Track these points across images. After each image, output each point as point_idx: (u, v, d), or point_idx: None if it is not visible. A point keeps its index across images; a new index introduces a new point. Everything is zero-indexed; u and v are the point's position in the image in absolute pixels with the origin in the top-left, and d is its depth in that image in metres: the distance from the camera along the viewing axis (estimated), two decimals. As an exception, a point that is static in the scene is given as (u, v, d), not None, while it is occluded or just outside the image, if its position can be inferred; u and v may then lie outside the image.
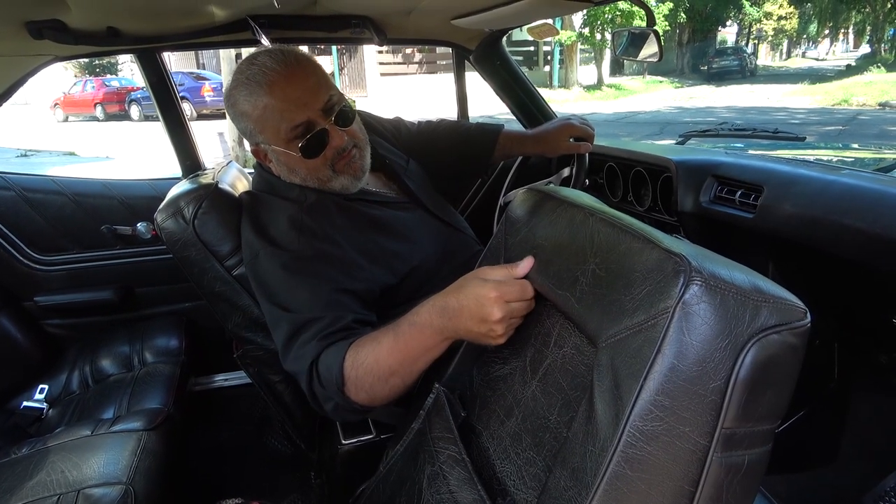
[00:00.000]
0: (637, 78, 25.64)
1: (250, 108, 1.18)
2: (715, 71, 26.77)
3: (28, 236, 2.07)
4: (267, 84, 1.16)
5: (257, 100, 1.17)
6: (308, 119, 1.18)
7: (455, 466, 0.91)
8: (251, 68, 1.17)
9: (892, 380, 1.42)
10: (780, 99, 17.13)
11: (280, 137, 1.20)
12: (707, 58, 28.31)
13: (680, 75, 27.93)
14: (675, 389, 0.60)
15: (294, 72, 1.17)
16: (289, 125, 1.18)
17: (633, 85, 23.61)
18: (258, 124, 1.20)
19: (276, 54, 1.18)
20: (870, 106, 14.47)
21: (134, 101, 16.94)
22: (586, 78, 22.85)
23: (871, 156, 1.98)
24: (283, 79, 1.16)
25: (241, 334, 1.38)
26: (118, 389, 1.76)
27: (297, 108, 1.17)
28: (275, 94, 1.16)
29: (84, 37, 1.52)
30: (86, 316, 2.14)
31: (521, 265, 0.90)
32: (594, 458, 0.66)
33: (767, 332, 0.60)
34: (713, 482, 0.61)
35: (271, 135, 1.20)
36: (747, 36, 37.91)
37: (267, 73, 1.16)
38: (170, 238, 1.34)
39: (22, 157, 11.29)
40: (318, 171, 1.24)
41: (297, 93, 1.17)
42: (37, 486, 1.25)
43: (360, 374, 1.03)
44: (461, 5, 1.65)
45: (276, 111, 1.17)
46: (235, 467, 1.92)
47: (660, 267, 0.65)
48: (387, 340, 1.02)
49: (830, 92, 16.95)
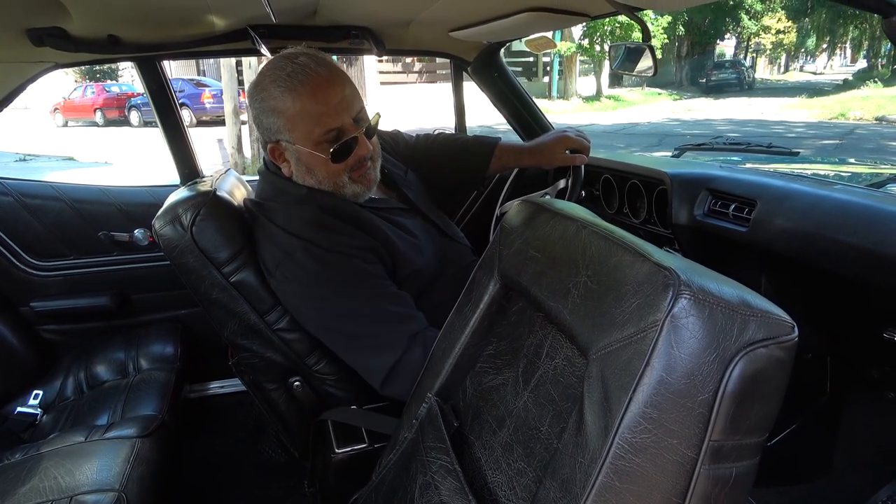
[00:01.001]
0: (636, 90, 25.78)
1: (286, 107, 1.20)
2: (713, 83, 26.90)
3: (25, 242, 2.07)
4: (310, 85, 1.18)
5: (296, 99, 1.19)
6: (342, 125, 1.21)
7: (447, 476, 0.91)
8: (292, 66, 1.19)
9: (885, 394, 1.42)
10: (778, 112, 17.22)
11: (311, 139, 1.22)
12: (705, 70, 28.46)
13: (678, 87, 28.08)
14: (664, 402, 0.61)
15: (336, 78, 1.21)
16: (323, 129, 1.21)
17: (631, 97, 23.74)
18: (290, 122, 1.22)
19: (317, 57, 1.21)
20: (866, 120, 14.57)
21: (134, 106, 16.98)
22: (585, 89, 22.96)
23: (865, 171, 1.99)
24: (326, 83, 1.19)
25: (236, 342, 1.38)
26: (113, 396, 1.76)
27: (335, 113, 1.20)
28: (317, 97, 1.19)
29: (85, 44, 1.54)
30: (82, 322, 2.13)
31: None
32: (584, 469, 0.66)
33: (755, 346, 0.61)
34: (701, 494, 0.62)
35: (302, 135, 1.23)
36: (745, 49, 38.14)
37: (310, 74, 1.18)
38: (167, 245, 1.35)
39: (21, 161, 11.29)
40: (336, 176, 1.27)
41: (336, 98, 1.20)
42: (30, 492, 1.25)
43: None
44: (459, 18, 1.67)
45: (313, 113, 1.20)
46: (229, 475, 1.92)
47: (650, 280, 0.66)
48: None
49: (828, 106, 17.07)
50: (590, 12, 1.45)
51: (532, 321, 0.92)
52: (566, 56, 20.59)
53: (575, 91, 21.70)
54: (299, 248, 1.22)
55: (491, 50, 2.12)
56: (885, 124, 13.86)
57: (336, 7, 1.55)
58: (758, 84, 30.81)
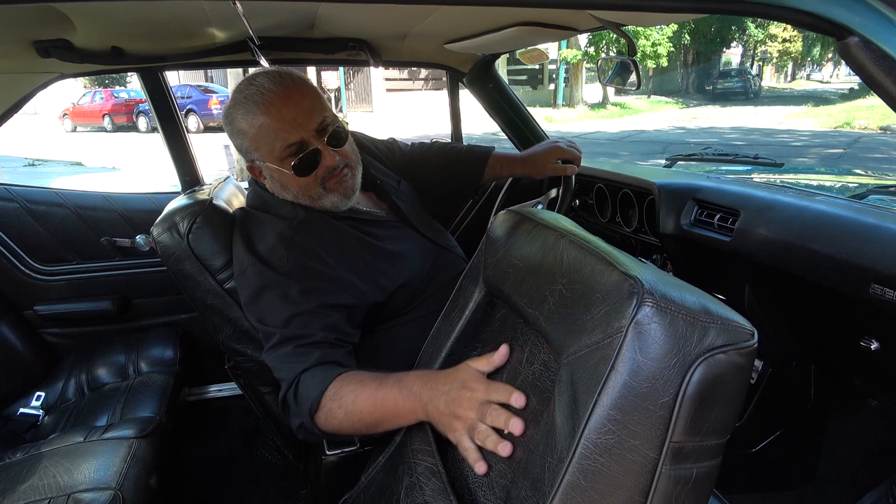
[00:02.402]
0: (642, 97, 25.78)
1: (247, 127, 1.23)
2: (719, 91, 26.86)
3: (30, 247, 2.12)
4: (264, 104, 1.21)
5: (254, 119, 1.22)
6: (301, 139, 1.23)
7: (431, 478, 0.94)
8: (249, 88, 1.22)
9: (868, 402, 1.44)
10: (783, 121, 17.21)
11: (274, 155, 1.24)
12: (712, 79, 28.45)
13: (685, 95, 28.08)
14: (627, 405, 0.64)
15: (290, 93, 1.22)
16: (283, 144, 1.22)
17: (637, 104, 23.71)
18: (254, 142, 1.25)
19: (273, 76, 1.23)
20: (871, 130, 14.56)
21: (142, 112, 17.08)
22: (591, 96, 22.96)
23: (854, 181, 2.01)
24: (280, 99, 1.21)
25: (231, 346, 1.42)
26: (112, 398, 1.80)
27: (291, 127, 1.22)
28: (271, 114, 1.21)
29: (89, 56, 1.58)
30: (84, 325, 2.18)
31: (498, 354, 0.93)
32: (552, 468, 0.69)
33: (714, 352, 0.64)
34: (662, 493, 0.65)
35: (266, 152, 1.25)
36: (752, 57, 38.09)
37: (264, 93, 1.21)
38: (165, 251, 1.39)
39: (29, 166, 11.39)
40: (308, 189, 1.28)
41: (292, 113, 1.21)
42: (29, 489, 1.29)
43: (335, 407, 1.06)
44: (453, 31, 1.71)
45: (271, 130, 1.22)
46: (225, 476, 1.95)
47: (617, 288, 0.69)
48: (370, 387, 1.04)
49: (833, 115, 17.08)
50: (578, 27, 1.48)
51: (514, 327, 0.95)
52: (572, 63, 20.62)
53: (581, 98, 21.71)
54: (250, 265, 1.24)
55: (485, 62, 2.16)
56: (890, 134, 13.84)
57: (333, 20, 1.59)
58: (764, 92, 30.75)
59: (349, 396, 1.05)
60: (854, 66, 0.67)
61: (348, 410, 1.05)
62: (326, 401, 1.07)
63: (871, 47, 0.65)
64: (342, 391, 1.07)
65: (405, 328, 1.35)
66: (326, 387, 1.08)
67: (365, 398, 1.04)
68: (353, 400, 1.05)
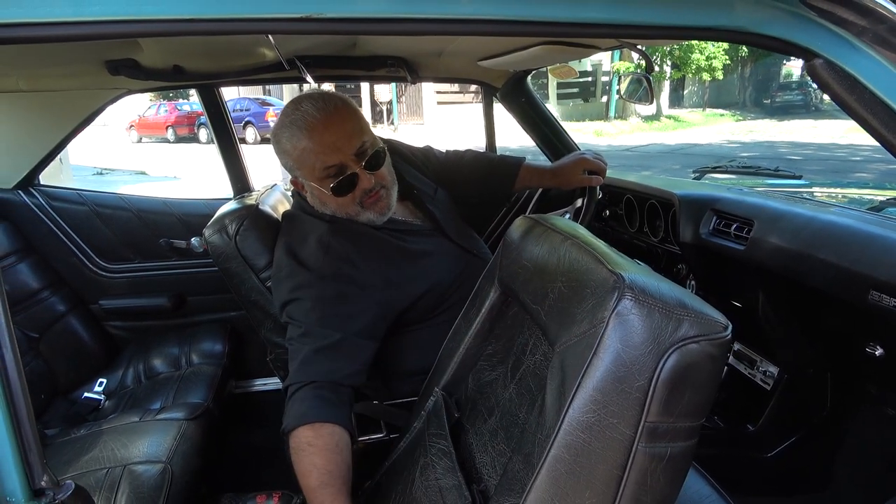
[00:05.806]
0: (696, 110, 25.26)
1: (291, 148, 1.34)
2: (778, 105, 26.01)
3: (97, 246, 2.31)
4: (307, 129, 1.31)
5: (297, 142, 1.32)
6: (340, 162, 1.32)
7: (443, 458, 1.03)
8: (296, 112, 1.33)
9: (884, 410, 1.45)
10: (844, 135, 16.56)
11: (315, 176, 1.35)
12: (770, 91, 27.65)
13: (742, 108, 27.30)
14: (607, 387, 0.71)
15: (332, 119, 1.32)
16: (322, 166, 1.32)
17: (692, 117, 23.22)
18: (297, 162, 1.36)
19: (318, 101, 1.33)
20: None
21: (203, 124, 17.55)
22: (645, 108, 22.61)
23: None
24: (322, 125, 1.31)
25: (272, 339, 1.54)
26: (166, 385, 1.96)
27: (331, 151, 1.32)
28: (313, 139, 1.31)
29: (153, 73, 1.75)
30: (143, 319, 2.36)
31: None
32: (541, 443, 0.77)
33: (687, 342, 0.70)
34: (638, 468, 0.71)
35: (307, 172, 1.36)
36: (814, 70, 36.81)
37: (308, 118, 1.31)
38: (215, 251, 1.53)
39: (98, 175, 11.89)
40: (346, 207, 1.38)
41: (332, 138, 1.31)
42: (90, 460, 1.45)
43: (295, 447, 1.16)
44: (484, 49, 1.81)
45: (312, 153, 1.32)
46: (264, 462, 2.06)
47: (603, 283, 0.76)
48: (313, 478, 1.12)
49: (898, 130, 16.30)
50: (599, 46, 1.56)
51: (523, 323, 1.03)
52: (624, 75, 20.31)
53: (634, 110, 21.42)
54: (287, 265, 1.35)
55: (518, 77, 2.24)
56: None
57: (373, 40, 1.71)
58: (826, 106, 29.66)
59: (305, 460, 1.14)
60: (820, 85, 0.74)
61: (298, 469, 1.15)
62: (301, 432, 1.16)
63: (834, 68, 0.72)
64: (305, 450, 1.15)
65: (431, 331, 1.40)
66: (308, 425, 1.15)
67: (305, 476, 1.13)
68: (302, 468, 1.14)
